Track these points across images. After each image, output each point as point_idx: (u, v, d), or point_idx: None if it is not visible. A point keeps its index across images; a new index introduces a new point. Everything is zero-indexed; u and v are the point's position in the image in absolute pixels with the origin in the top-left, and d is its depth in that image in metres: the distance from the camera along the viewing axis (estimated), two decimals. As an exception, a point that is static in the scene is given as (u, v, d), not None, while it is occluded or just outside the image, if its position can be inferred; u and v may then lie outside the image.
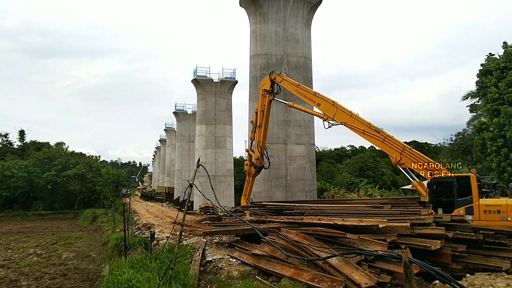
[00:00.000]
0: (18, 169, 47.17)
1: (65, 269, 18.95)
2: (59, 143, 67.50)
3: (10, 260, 21.11)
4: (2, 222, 41.85)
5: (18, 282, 16.52)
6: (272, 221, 12.21)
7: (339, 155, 69.62)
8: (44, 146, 61.44)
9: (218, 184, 41.53)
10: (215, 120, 43.19)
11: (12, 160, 50.15)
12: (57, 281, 16.62)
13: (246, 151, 19.95)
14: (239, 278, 9.00)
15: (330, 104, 14.36)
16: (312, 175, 25.75)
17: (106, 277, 10.80)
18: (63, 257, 22.09)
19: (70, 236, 31.12)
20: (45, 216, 45.74)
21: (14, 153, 57.26)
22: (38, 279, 16.98)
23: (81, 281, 16.72)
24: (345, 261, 7.54)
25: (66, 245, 26.28)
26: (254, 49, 26.00)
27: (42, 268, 19.08)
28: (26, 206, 47.93)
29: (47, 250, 24.62)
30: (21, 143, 63.37)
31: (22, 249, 24.85)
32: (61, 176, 48.48)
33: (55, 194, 49.66)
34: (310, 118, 25.20)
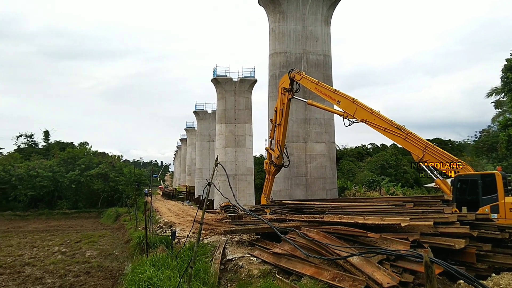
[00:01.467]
0: (43, 169, 48.29)
1: (89, 267, 19.30)
2: (83, 143, 68.82)
3: (36, 258, 21.63)
4: (28, 221, 42.93)
5: (43, 279, 16.90)
6: (292, 219, 12.16)
7: (360, 153, 68.85)
8: (68, 146, 62.70)
9: (238, 183, 41.67)
10: (235, 119, 43.31)
11: (37, 160, 51.33)
12: (81, 279, 16.94)
13: (265, 149, 19.93)
14: (260, 277, 9.00)
15: (350, 101, 14.20)
16: (333, 174, 25.53)
17: (128, 275, 10.95)
18: (87, 255, 22.51)
19: (94, 234, 31.69)
20: (69, 215, 46.70)
21: (39, 153, 58.60)
22: (62, 277, 17.34)
23: (104, 279, 17.00)
24: (367, 260, 7.45)
25: (89, 243, 26.77)
26: (273, 48, 25.92)
27: (66, 266, 19.48)
28: (51, 205, 49.02)
29: (71, 248, 25.14)
30: (45, 144, 64.82)
31: (47, 247, 25.43)
32: (85, 175, 49.41)
33: (79, 193, 50.65)
34: (330, 116, 24.99)
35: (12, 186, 46.95)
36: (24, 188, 46.63)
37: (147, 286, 8.54)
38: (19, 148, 61.64)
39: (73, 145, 66.02)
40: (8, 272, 18.31)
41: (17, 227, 37.86)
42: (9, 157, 54.82)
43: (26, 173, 47.14)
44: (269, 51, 26.50)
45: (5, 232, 34.09)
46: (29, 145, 62.84)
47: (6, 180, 46.75)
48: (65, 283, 16.27)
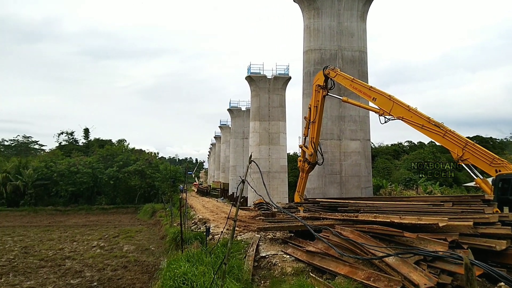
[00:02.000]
0: (83, 165, 50.03)
1: (126, 261, 19.86)
2: (121, 140, 70.89)
3: (75, 252, 22.46)
4: (68, 216, 44.63)
5: (82, 273, 17.53)
6: (326, 218, 12.04)
7: (396, 150, 67.34)
8: (107, 143, 64.67)
9: (271, 181, 41.68)
10: (269, 117, 43.29)
11: (78, 157, 53.23)
12: (118, 273, 17.45)
13: (299, 147, 19.81)
14: (293, 275, 8.97)
15: (386, 98, 13.88)
16: (368, 172, 25.08)
17: (164, 270, 11.18)
18: (124, 250, 23.16)
19: (131, 229, 32.55)
20: (108, 210, 48.16)
21: (79, 150, 60.76)
22: (101, 271, 17.92)
23: (140, 273, 17.44)
24: (403, 260, 7.27)
25: (127, 238, 27.53)
26: (308, 45, 25.71)
27: (104, 260, 20.12)
28: (91, 201, 50.73)
29: (109, 242, 25.94)
30: (85, 141, 67.15)
31: (86, 242, 26.35)
32: (123, 172, 50.80)
33: (117, 189, 52.14)
34: (366, 113, 24.55)
35: (54, 182, 48.93)
36: (65, 184, 48.48)
37: (182, 281, 8.68)
38: (60, 145, 64.18)
39: (112, 142, 68.09)
40: (50, 265, 19.12)
41: (58, 222, 39.46)
42: (51, 154, 57.16)
43: (67, 169, 48.98)
44: (304, 48, 26.31)
45: (47, 226, 35.62)
46: (70, 142, 65.25)
47: (48, 176, 48.77)
48: (103, 276, 16.81)
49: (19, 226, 35.63)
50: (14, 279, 16.37)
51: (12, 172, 49.10)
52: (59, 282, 15.83)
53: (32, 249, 23.46)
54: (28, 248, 23.74)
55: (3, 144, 72.22)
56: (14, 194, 48.21)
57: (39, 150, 73.85)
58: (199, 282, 8.38)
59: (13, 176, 48.65)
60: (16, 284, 15.45)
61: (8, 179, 48.17)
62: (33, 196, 48.45)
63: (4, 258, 20.56)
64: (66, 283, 15.69)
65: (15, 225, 36.90)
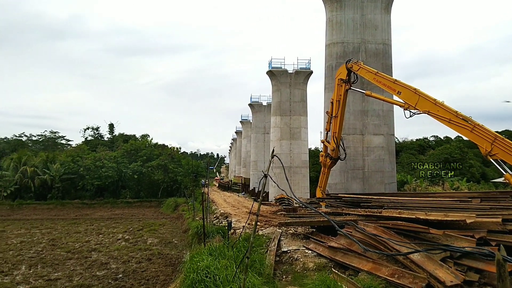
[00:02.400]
0: (108, 160, 51.01)
1: (150, 254, 20.18)
2: (144, 135, 71.89)
3: (101, 245, 22.95)
4: (94, 209, 45.67)
5: (108, 265, 17.90)
6: (348, 213, 11.93)
7: (422, 145, 66.05)
8: (131, 138, 65.70)
9: (293, 176, 41.52)
10: (290, 111, 43.06)
11: (103, 152, 54.30)
12: (143, 265, 17.76)
13: (321, 142, 19.63)
14: (315, 270, 8.92)
15: (412, 92, 13.55)
16: (392, 167, 24.66)
17: (187, 263, 11.28)
18: (148, 243, 23.54)
19: (154, 223, 33.06)
20: (132, 204, 49.04)
21: (105, 145, 61.94)
22: (126, 263, 18.27)
23: (164, 265, 17.70)
24: (428, 257, 7.13)
25: (150, 231, 27.97)
26: (330, 38, 25.38)
27: (129, 253, 20.50)
28: (115, 194, 51.73)
29: (133, 235, 26.40)
30: (110, 136, 68.41)
31: (111, 234, 26.89)
32: (146, 166, 51.57)
33: (141, 183, 52.99)
34: (390, 107, 24.10)
35: (80, 176, 50.08)
36: (91, 178, 49.56)
37: (205, 274, 8.73)
38: (86, 140, 65.58)
39: (136, 137, 69.12)
40: (76, 257, 19.60)
41: (85, 215, 40.42)
42: (78, 148, 58.47)
43: (92, 164, 50.04)
44: (326, 42, 25.99)
45: (73, 219, 36.53)
46: (95, 137, 66.58)
47: (75, 170, 49.94)
48: (128, 268, 17.13)
49: (47, 219, 36.65)
50: (42, 270, 16.85)
51: (40, 166, 50.48)
52: (85, 274, 16.21)
53: (60, 241, 24.10)
54: (55, 240, 24.40)
55: (31, 139, 74.20)
56: (42, 188, 49.59)
57: (65, 145, 75.63)
58: (221, 275, 8.41)
59: (41, 170, 50.02)
60: (44, 276, 15.89)
61: (36, 173, 49.55)
62: (60, 190, 49.72)
63: (33, 250, 21.19)
64: (92, 275, 16.05)
65: (43, 218, 37.99)
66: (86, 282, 14.98)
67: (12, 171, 49.50)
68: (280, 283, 8.52)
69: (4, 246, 22.42)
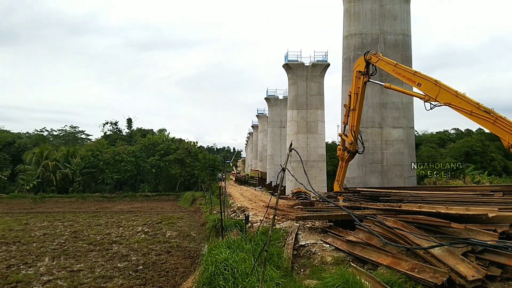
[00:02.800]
0: (127, 154, 51.73)
1: (169, 246, 20.44)
2: (161, 130, 72.55)
3: (122, 237, 23.34)
4: (114, 202, 46.42)
5: (129, 257, 18.21)
6: (367, 207, 11.82)
7: (442, 138, 64.97)
8: (149, 133, 66.40)
9: (309, 170, 41.33)
10: (307, 105, 42.77)
11: (122, 146, 55.06)
12: (162, 257, 18.00)
13: (339, 135, 19.47)
14: (333, 264, 8.88)
15: (432, 83, 13.30)
16: (411, 161, 24.35)
17: (205, 256, 11.37)
18: (167, 236, 23.83)
19: (173, 216, 33.43)
20: (151, 197, 49.69)
21: (123, 139, 62.77)
22: (146, 255, 18.54)
23: (183, 258, 17.91)
24: (449, 251, 7.02)
25: (169, 225, 28.31)
26: (348, 29, 25.07)
27: (149, 245, 20.80)
28: (134, 188, 52.51)
29: (153, 228, 26.77)
30: (129, 130, 69.25)
31: (131, 227, 27.31)
32: (164, 160, 52.11)
33: (159, 177, 53.62)
34: (409, 99, 23.74)
35: (100, 170, 50.95)
36: (110, 172, 50.37)
37: (223, 267, 8.79)
38: (105, 134, 66.54)
39: (153, 132, 69.82)
40: (98, 249, 19.98)
41: (105, 208, 41.13)
42: (97, 143, 59.38)
43: (112, 158, 50.81)
44: (343, 33, 25.68)
45: (94, 212, 37.22)
46: (114, 132, 67.48)
47: (95, 164, 50.81)
48: (148, 260, 17.39)
49: (69, 212, 37.44)
50: (65, 262, 17.23)
51: (61, 160, 51.52)
52: (107, 265, 16.51)
53: (81, 233, 24.60)
54: (77, 232, 24.91)
55: (52, 134, 75.68)
56: (63, 182, 50.64)
57: (85, 140, 76.89)
58: (240, 268, 8.45)
59: (62, 164, 51.04)
60: (67, 267, 16.25)
61: (58, 167, 50.59)
62: (81, 183, 50.69)
63: (56, 242, 21.68)
64: (114, 267, 16.34)
65: (64, 210, 38.82)
66: (108, 273, 15.26)
67: (35, 165, 50.64)
68: (298, 277, 8.51)
69: (28, 238, 22.99)
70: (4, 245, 21.13)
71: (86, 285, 13.84)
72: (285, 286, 7.54)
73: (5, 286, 13.78)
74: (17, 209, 40.27)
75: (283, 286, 7.52)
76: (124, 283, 13.91)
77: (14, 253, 18.99)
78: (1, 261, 17.38)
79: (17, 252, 19.34)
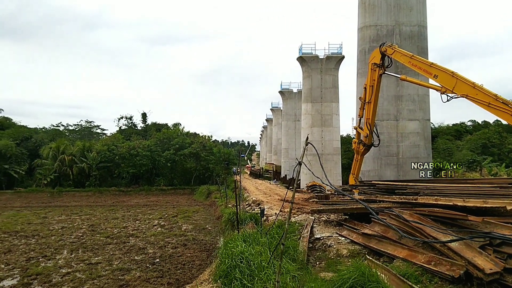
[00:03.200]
0: (142, 149, 52.20)
1: (185, 239, 20.66)
2: (176, 124, 72.97)
3: (138, 230, 23.67)
4: (130, 196, 47.00)
5: (145, 250, 18.47)
6: (382, 200, 11.77)
7: (458, 131, 63.98)
8: (163, 127, 66.83)
9: (324, 163, 41.18)
10: (321, 98, 42.53)
11: (137, 140, 55.58)
12: (179, 250, 18.21)
13: (354, 128, 19.38)
14: (349, 257, 8.89)
15: (449, 75, 13.13)
16: (427, 153, 24.08)
17: (221, 249, 11.49)
18: (183, 229, 24.08)
19: (188, 209, 33.73)
20: (166, 191, 50.13)
21: (138, 133, 63.32)
22: (162, 248, 18.78)
23: (199, 251, 18.09)
24: (466, 244, 6.96)
25: (185, 218, 28.59)
26: (363, 21, 24.80)
27: (165, 238, 21.06)
28: (150, 182, 53.01)
29: (169, 222, 27.07)
30: (143, 125, 69.79)
31: (148, 220, 27.65)
32: (179, 154, 52.45)
33: (174, 171, 54.01)
34: (425, 92, 23.44)
35: (116, 164, 51.56)
36: (126, 166, 50.95)
37: (240, 260, 8.88)
38: (120, 129, 67.22)
39: (168, 126, 70.23)
40: (115, 242, 20.30)
41: (121, 202, 41.71)
42: (113, 137, 60.05)
43: (127, 152, 51.35)
44: (358, 25, 25.42)
45: (111, 206, 37.77)
46: (129, 126, 68.10)
47: (111, 158, 51.44)
48: (164, 253, 17.61)
49: (86, 206, 38.08)
50: (83, 254, 17.57)
51: (77, 155, 52.30)
52: (124, 258, 16.78)
53: (99, 227, 25.01)
54: (94, 226, 25.34)
55: (68, 128, 76.79)
56: (80, 176, 51.45)
57: (101, 134, 77.87)
58: (256, 261, 8.52)
59: (78, 158, 51.82)
60: (85, 260, 16.57)
61: (74, 162, 51.39)
62: (97, 177, 51.43)
63: (74, 235, 22.10)
64: (131, 259, 16.61)
65: (82, 204, 39.50)
66: (125, 266, 15.52)
67: (51, 159, 51.50)
68: (313, 269, 8.55)
69: (47, 231, 23.48)
70: (24, 238, 21.62)
71: (104, 277, 14.08)
72: (301, 279, 7.58)
73: (25, 278, 14.09)
74: (35, 203, 41.12)
75: (299, 279, 7.56)
76: (142, 276, 14.13)
77: (33, 246, 19.41)
78: (21, 254, 17.79)
79: (36, 245, 19.76)
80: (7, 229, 24.35)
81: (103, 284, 13.32)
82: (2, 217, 30.16)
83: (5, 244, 19.97)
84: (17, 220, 28.48)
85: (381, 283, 6.31)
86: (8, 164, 50.22)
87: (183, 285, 12.89)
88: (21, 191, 48.29)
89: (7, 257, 17.23)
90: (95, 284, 13.41)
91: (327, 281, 7.11)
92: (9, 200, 43.26)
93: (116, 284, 13.30)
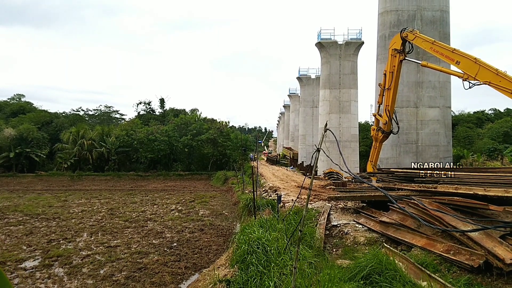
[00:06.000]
0: (160, 134, 52.64)
1: (202, 224, 20.90)
2: (193, 110, 73.21)
3: (156, 214, 24.03)
4: (148, 181, 47.66)
5: (163, 234, 18.76)
6: (401, 188, 11.66)
7: (479, 118, 62.67)
8: (181, 113, 67.13)
9: (342, 150, 40.88)
10: (339, 84, 42.06)
11: (155, 126, 56.04)
12: (196, 235, 18.44)
13: (373, 115, 19.13)
14: (366, 244, 8.87)
15: (472, 61, 12.80)
16: (447, 141, 23.67)
17: (238, 234, 11.58)
18: (200, 214, 24.35)
19: (205, 195, 34.04)
20: (184, 176, 50.63)
21: (156, 119, 63.77)
22: (180, 232, 19.05)
23: (216, 236, 18.29)
24: (486, 234, 6.87)
25: (202, 203, 28.88)
26: (383, 6, 24.29)
27: (182, 223, 21.34)
28: (168, 167, 53.56)
29: (186, 206, 27.39)
30: (161, 110, 70.18)
31: (165, 205, 28.03)
32: (196, 140, 52.74)
33: (191, 157, 54.41)
34: (447, 78, 22.95)
35: (134, 149, 52.20)
36: (144, 151, 51.54)
37: (256, 245, 8.94)
38: (139, 114, 67.77)
39: (185, 111, 70.53)
40: (134, 226, 20.67)
41: (140, 186, 42.33)
42: (131, 122, 60.65)
43: (145, 137, 51.89)
44: (379, 10, 24.91)
45: (129, 190, 38.38)
46: (148, 111, 68.58)
47: (129, 143, 52.07)
48: (182, 238, 17.87)
49: (105, 190, 38.78)
50: (102, 237, 17.96)
51: (96, 139, 53.12)
52: (142, 242, 17.09)
53: (117, 211, 25.49)
54: (113, 210, 25.83)
55: (88, 113, 77.76)
56: (99, 160, 52.32)
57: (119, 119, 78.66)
58: (272, 247, 8.58)
59: (98, 143, 52.64)
60: (105, 243, 16.93)
61: (94, 146, 52.23)
62: (116, 162, 52.22)
63: (93, 219, 22.58)
64: (149, 243, 16.91)
65: (101, 188, 40.24)
66: (144, 249, 15.81)
67: (72, 144, 52.44)
68: (330, 256, 8.57)
69: (67, 214, 24.03)
70: (45, 220, 22.18)
71: (123, 260, 14.38)
72: (318, 265, 7.61)
73: (47, 259, 14.48)
74: (56, 186, 42.06)
75: (316, 265, 7.59)
76: (160, 259, 14.38)
77: (54, 229, 19.91)
78: (42, 236, 18.27)
79: (57, 227, 20.27)
80: (29, 211, 25.02)
81: (122, 267, 13.61)
82: (24, 200, 31.00)
83: (27, 226, 20.54)
84: (38, 203, 29.21)
85: (399, 272, 6.28)
86: (30, 147, 51.30)
87: (200, 270, 13.08)
88: (42, 174, 49.41)
89: (28, 239, 17.73)
90: (114, 266, 13.71)
91: (343, 268, 7.12)
92: (30, 183, 44.35)
93: (134, 267, 13.57)
